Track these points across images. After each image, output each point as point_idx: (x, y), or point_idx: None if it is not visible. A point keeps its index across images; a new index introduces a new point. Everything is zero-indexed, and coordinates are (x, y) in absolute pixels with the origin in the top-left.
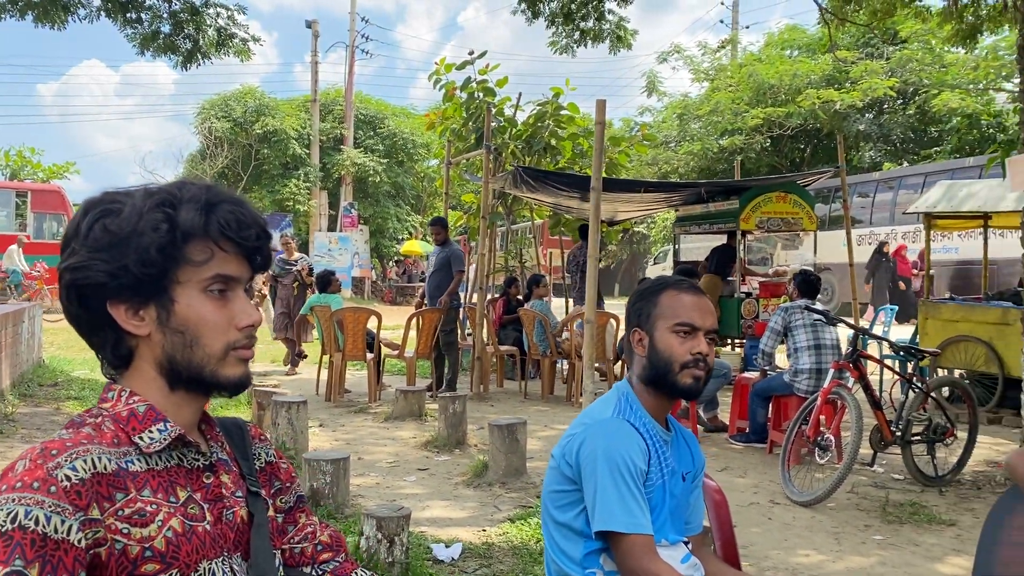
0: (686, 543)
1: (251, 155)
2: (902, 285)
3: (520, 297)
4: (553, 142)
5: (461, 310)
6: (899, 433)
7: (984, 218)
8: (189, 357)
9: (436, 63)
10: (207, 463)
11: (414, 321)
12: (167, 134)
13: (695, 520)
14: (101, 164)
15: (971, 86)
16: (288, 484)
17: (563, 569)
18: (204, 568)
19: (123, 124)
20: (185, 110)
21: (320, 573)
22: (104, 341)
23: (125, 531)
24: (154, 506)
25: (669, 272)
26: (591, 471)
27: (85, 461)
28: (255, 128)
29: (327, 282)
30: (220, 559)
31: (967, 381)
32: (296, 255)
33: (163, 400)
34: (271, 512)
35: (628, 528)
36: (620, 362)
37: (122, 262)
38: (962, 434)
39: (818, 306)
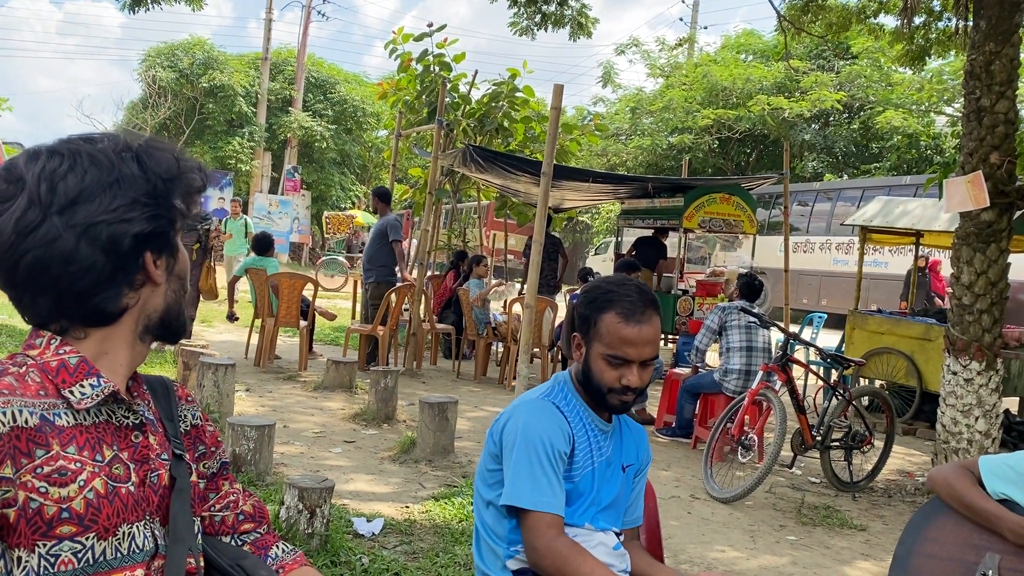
0: (617, 533)
1: (195, 108)
2: (938, 302)
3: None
4: (506, 123)
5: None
6: (819, 438)
7: (916, 235)
8: (180, 304)
9: (394, 32)
10: (137, 422)
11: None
12: (108, 79)
13: (635, 514)
14: (36, 103)
15: (914, 107)
16: (213, 449)
17: (491, 545)
18: (124, 532)
19: (63, 64)
20: (129, 56)
21: (240, 544)
22: (111, 294)
23: (43, 490)
24: (77, 464)
25: (610, 264)
26: (510, 448)
27: (4, 414)
28: (201, 81)
29: (266, 245)
30: (142, 523)
31: (887, 392)
32: (196, 210)
33: (125, 352)
34: (193, 477)
35: (534, 505)
36: (555, 349)
37: (172, 205)
38: (878, 443)
39: (755, 309)
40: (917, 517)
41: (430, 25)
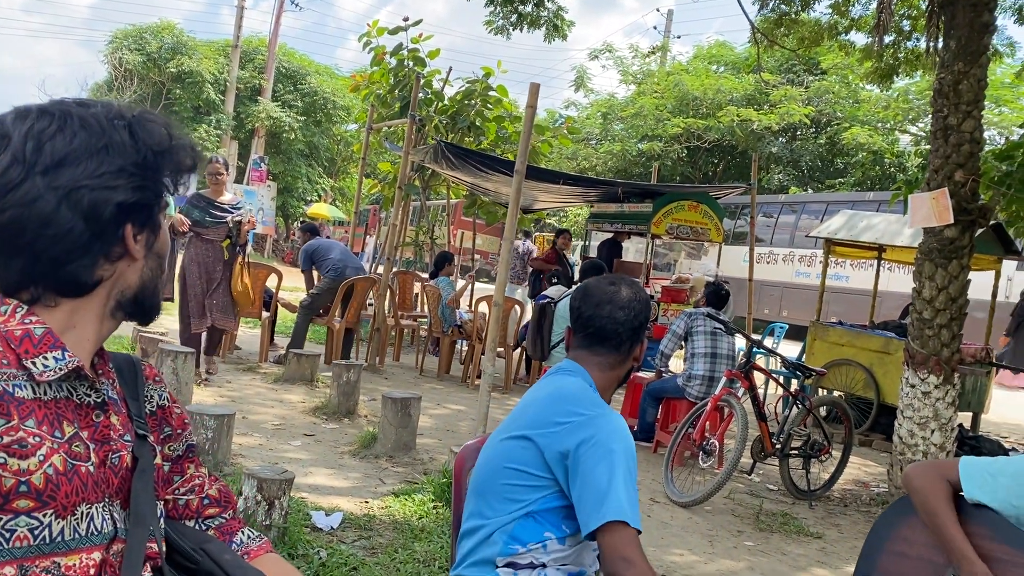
0: None
1: (161, 93)
2: None
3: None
4: (478, 122)
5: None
6: (779, 446)
7: (879, 250)
8: (156, 282)
9: (369, 25)
10: (98, 400)
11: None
12: (74, 60)
13: None
14: None
15: (880, 124)
16: (180, 431)
17: (494, 538)
18: (82, 511)
19: (27, 43)
20: (96, 37)
21: (204, 528)
22: (86, 263)
23: (1, 461)
24: (37, 438)
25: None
26: (596, 461)
27: None
28: (169, 66)
29: None
30: (101, 504)
31: (845, 403)
32: (228, 196)
33: (93, 326)
34: (158, 460)
35: (636, 523)
36: (519, 349)
37: (160, 179)
38: (836, 453)
39: (722, 316)
40: (888, 514)
41: (405, 19)
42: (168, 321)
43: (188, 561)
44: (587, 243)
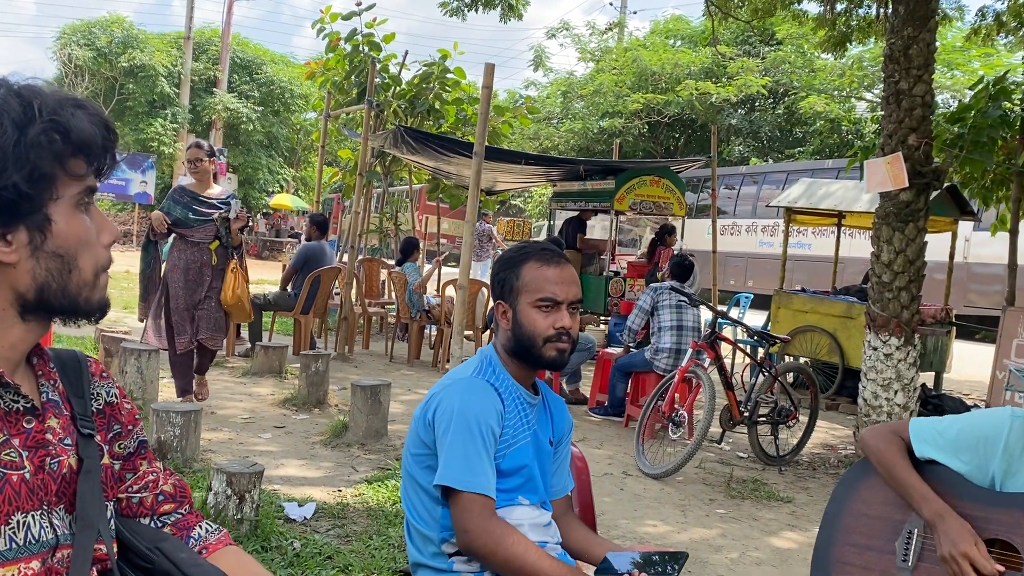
0: (547, 507)
1: (114, 89)
2: None
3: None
4: (437, 105)
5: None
6: (747, 414)
7: (839, 217)
8: (65, 284)
9: (322, 11)
10: (28, 405)
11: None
12: (22, 57)
13: (563, 482)
14: None
15: (836, 92)
16: (130, 427)
17: (423, 531)
18: (17, 521)
19: None
20: (44, 33)
21: (160, 525)
22: None
23: None
24: None
25: None
26: (444, 429)
27: None
28: (120, 61)
29: None
30: (39, 512)
31: (811, 368)
32: (217, 188)
33: (2, 333)
34: (106, 459)
35: (466, 486)
36: (488, 331)
37: (5, 179)
38: (803, 418)
39: (686, 289)
40: (848, 476)
41: (359, 4)
42: (131, 320)
43: (143, 561)
44: (552, 222)
